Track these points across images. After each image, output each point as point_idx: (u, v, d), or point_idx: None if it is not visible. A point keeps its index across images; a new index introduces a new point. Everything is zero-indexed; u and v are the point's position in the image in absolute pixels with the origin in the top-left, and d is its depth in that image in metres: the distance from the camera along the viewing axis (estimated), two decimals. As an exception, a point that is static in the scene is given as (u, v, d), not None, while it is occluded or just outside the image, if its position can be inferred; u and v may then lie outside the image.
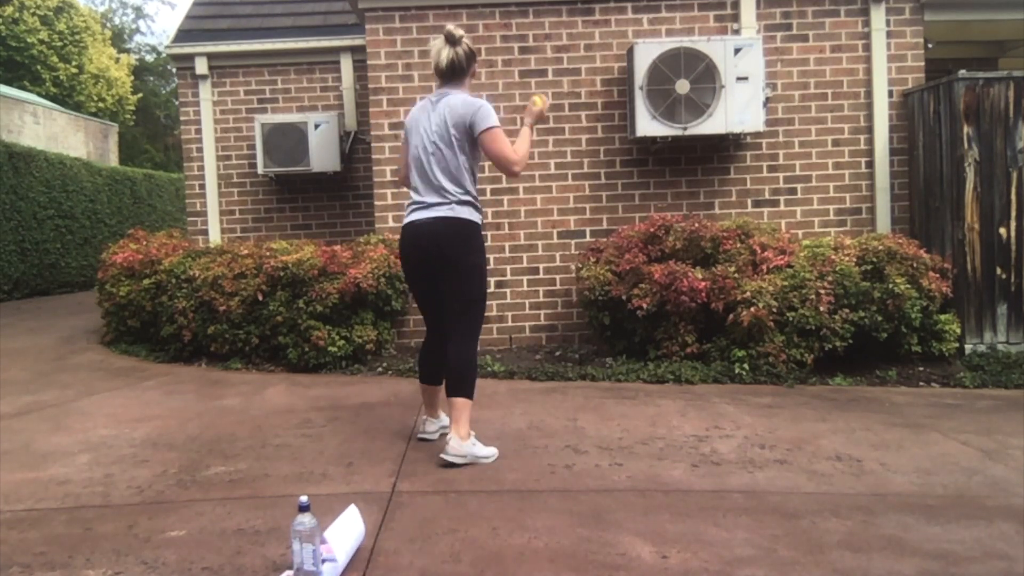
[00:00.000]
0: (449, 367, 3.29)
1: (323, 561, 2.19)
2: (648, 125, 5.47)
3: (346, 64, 7.45)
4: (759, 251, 5.08)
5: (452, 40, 3.26)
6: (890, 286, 4.82)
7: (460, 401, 3.24)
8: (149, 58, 29.67)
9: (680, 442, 3.56)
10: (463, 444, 3.21)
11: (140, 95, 24.55)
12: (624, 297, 5.00)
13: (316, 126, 7.08)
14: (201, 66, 7.39)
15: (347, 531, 2.35)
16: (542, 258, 5.91)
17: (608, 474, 3.13)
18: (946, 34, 6.35)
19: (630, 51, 5.58)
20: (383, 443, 3.57)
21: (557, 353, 5.60)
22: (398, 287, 5.46)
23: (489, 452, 3.30)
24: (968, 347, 5.23)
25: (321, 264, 5.29)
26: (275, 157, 7.07)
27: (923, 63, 5.89)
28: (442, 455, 3.21)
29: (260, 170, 7.16)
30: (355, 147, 7.53)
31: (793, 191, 5.92)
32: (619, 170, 5.92)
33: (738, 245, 5.15)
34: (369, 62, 5.92)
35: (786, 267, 4.97)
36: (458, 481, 3.04)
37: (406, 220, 3.37)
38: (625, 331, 5.18)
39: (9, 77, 18.62)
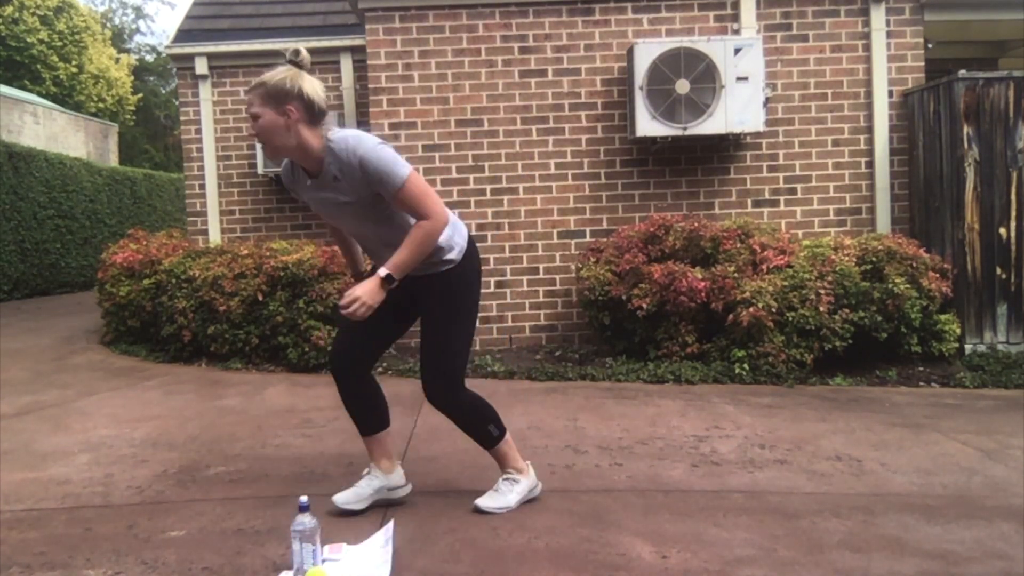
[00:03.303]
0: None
1: (323, 561, 2.19)
2: (648, 125, 5.46)
3: (346, 64, 7.44)
4: (759, 251, 5.08)
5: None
6: (890, 286, 4.81)
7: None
8: (149, 58, 29.63)
9: (680, 442, 3.56)
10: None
11: (140, 95, 24.52)
12: (624, 297, 5.00)
13: (316, 126, 7.06)
14: (201, 66, 7.38)
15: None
16: (542, 258, 5.91)
17: (608, 474, 3.13)
18: (946, 34, 6.35)
19: (630, 51, 5.58)
20: (383, 443, 3.56)
21: (557, 353, 5.60)
22: (398, 287, 5.45)
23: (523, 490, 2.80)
24: (968, 347, 5.23)
25: (321, 264, 5.29)
26: (275, 157, 7.05)
27: (923, 63, 5.89)
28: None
29: (260, 170, 7.15)
30: (355, 147, 7.51)
31: (793, 191, 5.92)
32: (619, 170, 5.91)
33: (738, 245, 5.15)
34: (369, 62, 5.92)
35: (786, 267, 4.97)
36: (458, 481, 3.04)
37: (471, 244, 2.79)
38: (625, 331, 5.18)
39: (9, 77, 18.60)
